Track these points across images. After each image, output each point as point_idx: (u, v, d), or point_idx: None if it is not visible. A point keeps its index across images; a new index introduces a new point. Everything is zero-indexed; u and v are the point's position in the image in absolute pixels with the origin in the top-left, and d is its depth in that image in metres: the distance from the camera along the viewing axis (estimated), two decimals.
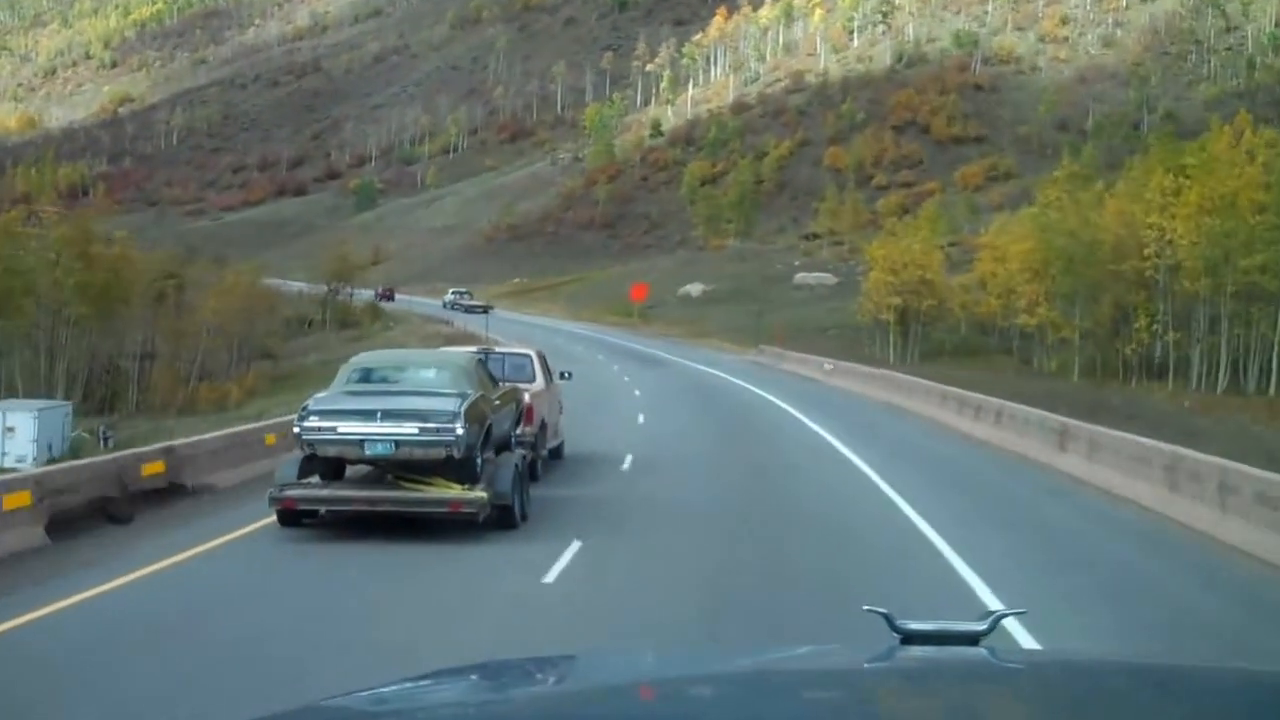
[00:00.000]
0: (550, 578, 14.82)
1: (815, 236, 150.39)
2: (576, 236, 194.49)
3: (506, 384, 22.41)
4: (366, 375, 19.12)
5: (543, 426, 24.46)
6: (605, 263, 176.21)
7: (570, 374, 29.93)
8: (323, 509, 18.38)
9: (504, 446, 20.28)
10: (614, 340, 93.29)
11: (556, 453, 26.60)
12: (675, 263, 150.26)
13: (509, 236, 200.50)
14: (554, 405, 26.44)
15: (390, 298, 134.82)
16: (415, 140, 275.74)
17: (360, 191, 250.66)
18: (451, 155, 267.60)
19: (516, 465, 18.96)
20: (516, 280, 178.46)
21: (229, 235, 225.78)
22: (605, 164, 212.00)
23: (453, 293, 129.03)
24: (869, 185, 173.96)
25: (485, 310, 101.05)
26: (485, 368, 20.82)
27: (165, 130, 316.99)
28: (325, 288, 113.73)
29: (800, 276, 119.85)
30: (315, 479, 18.62)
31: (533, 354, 26.44)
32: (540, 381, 25.42)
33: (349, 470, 19.12)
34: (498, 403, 20.07)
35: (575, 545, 16.78)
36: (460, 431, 17.47)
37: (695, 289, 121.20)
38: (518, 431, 21.82)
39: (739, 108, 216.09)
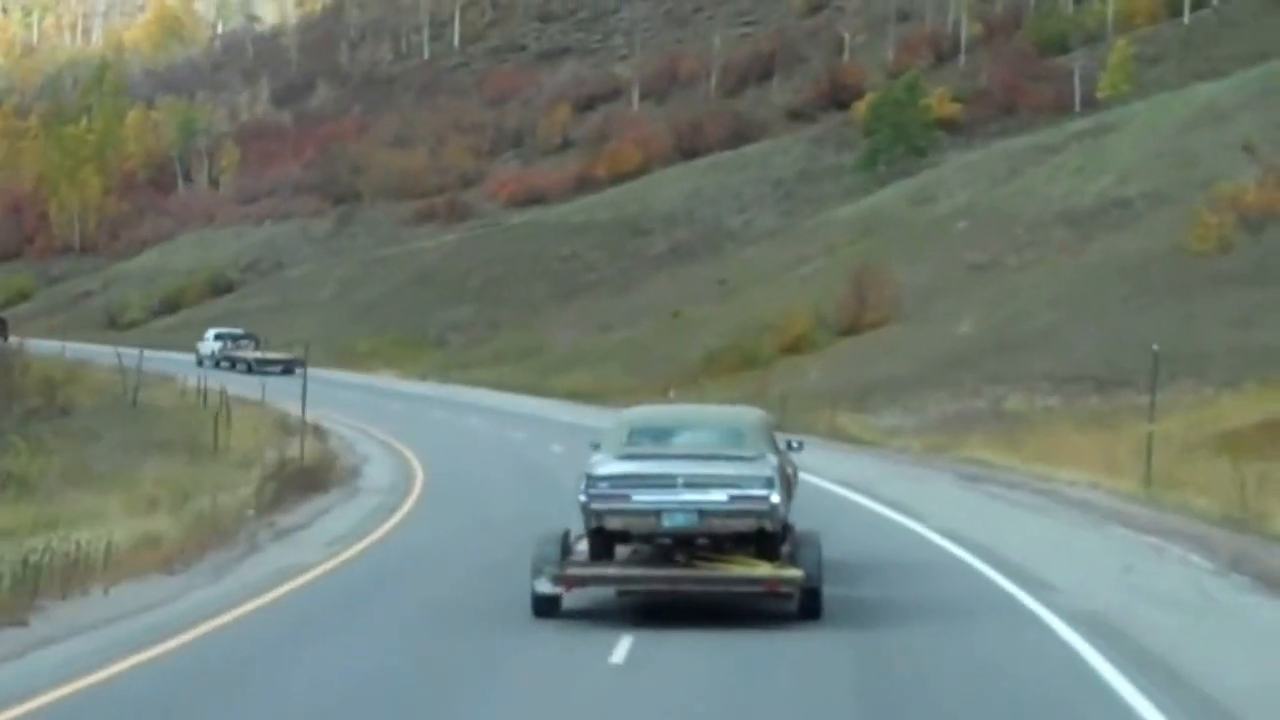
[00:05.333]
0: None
1: None
2: None
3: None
4: (647, 434, 19.11)
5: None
6: None
7: (802, 444, 23.29)
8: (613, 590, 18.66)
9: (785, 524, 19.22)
10: None
11: None
12: None
13: None
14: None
15: None
16: None
17: (878, 111, 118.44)
18: (1186, 19, 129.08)
19: (819, 545, 18.51)
20: None
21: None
22: None
23: (218, 337, 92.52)
24: None
25: (289, 368, 76.23)
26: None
27: (392, 31, 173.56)
28: None
29: None
30: (583, 557, 18.68)
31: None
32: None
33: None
34: (789, 471, 20.00)
35: None
36: (775, 500, 17.87)
37: None
38: None
39: None
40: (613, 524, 18.05)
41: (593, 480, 18.00)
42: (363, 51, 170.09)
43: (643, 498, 17.84)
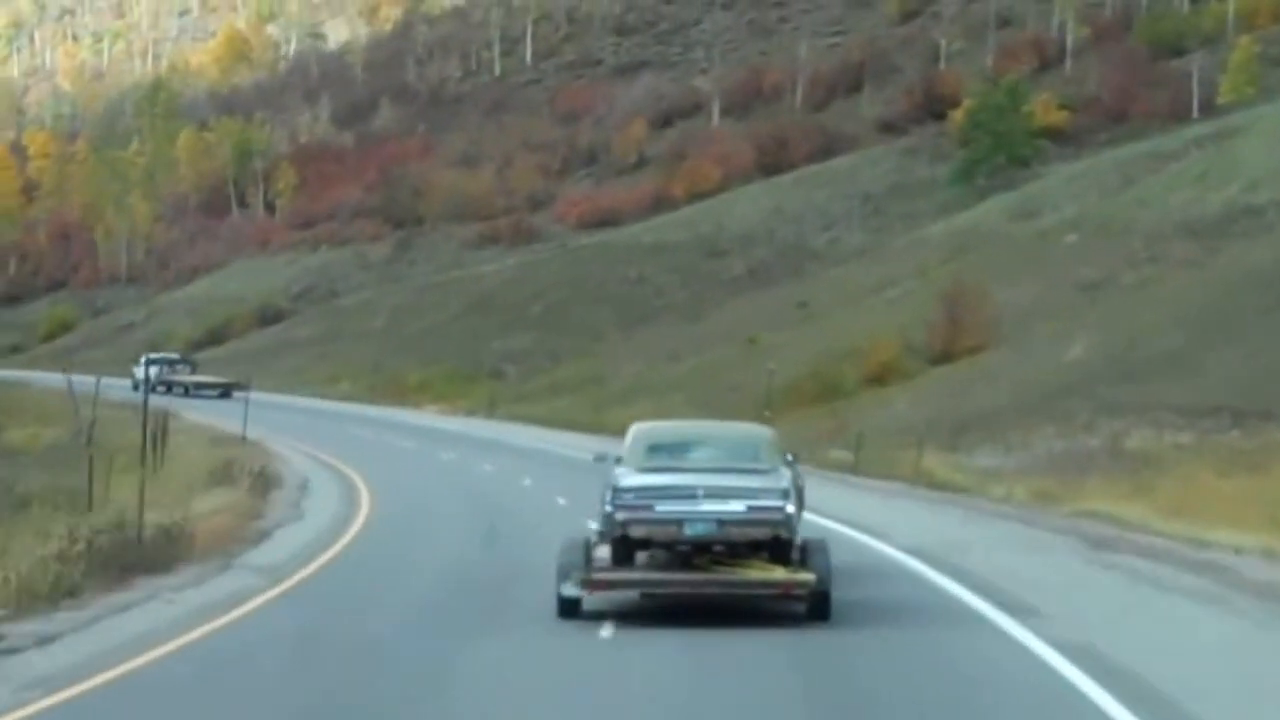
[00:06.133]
0: None
1: None
2: None
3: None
4: (662, 448, 19.88)
5: None
6: None
7: (796, 456, 22.69)
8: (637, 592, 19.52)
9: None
10: None
11: None
12: None
13: None
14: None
15: None
16: None
17: (977, 119, 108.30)
18: None
19: (828, 551, 19.30)
20: None
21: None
22: None
23: (150, 361, 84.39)
24: None
25: (226, 391, 77.94)
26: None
27: (461, 48, 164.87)
28: None
29: None
30: (604, 562, 19.34)
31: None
32: None
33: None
34: (800, 483, 20.60)
35: None
36: (790, 510, 18.82)
37: None
38: None
39: None
40: (637, 532, 18.87)
41: (618, 491, 18.86)
42: (430, 69, 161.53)
43: (665, 508, 18.73)
